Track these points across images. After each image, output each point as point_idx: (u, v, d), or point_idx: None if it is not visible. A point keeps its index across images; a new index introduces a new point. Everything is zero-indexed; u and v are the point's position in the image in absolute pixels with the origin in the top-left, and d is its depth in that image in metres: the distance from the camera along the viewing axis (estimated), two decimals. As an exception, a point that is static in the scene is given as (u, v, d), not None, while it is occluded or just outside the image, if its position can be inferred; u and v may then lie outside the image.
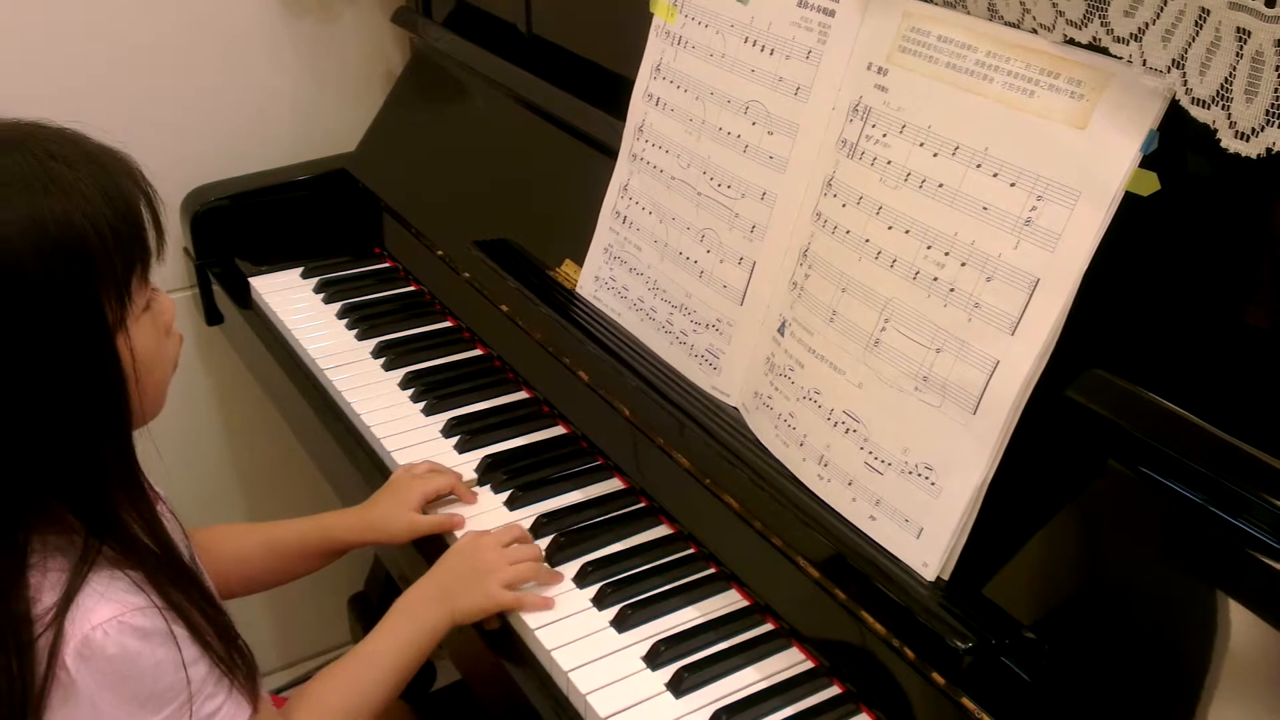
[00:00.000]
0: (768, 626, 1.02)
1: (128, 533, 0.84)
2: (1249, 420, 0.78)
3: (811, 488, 0.99)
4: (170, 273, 1.66)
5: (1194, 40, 0.72)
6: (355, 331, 1.46)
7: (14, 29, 1.50)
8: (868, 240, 0.94)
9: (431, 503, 1.15)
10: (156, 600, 0.83)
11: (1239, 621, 0.76)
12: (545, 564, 1.07)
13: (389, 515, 1.14)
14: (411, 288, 1.57)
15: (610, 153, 1.26)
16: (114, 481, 0.84)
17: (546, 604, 1.03)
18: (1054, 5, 0.81)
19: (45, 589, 0.81)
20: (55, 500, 0.82)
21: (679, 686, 0.95)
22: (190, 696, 0.84)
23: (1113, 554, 0.83)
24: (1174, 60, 0.74)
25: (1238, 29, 0.69)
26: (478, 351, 1.42)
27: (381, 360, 1.40)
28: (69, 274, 0.78)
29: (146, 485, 0.87)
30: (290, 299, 1.54)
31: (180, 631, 0.83)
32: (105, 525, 0.83)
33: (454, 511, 1.15)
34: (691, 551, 1.10)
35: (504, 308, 1.34)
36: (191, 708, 0.84)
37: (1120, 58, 0.77)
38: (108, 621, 0.80)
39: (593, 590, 1.05)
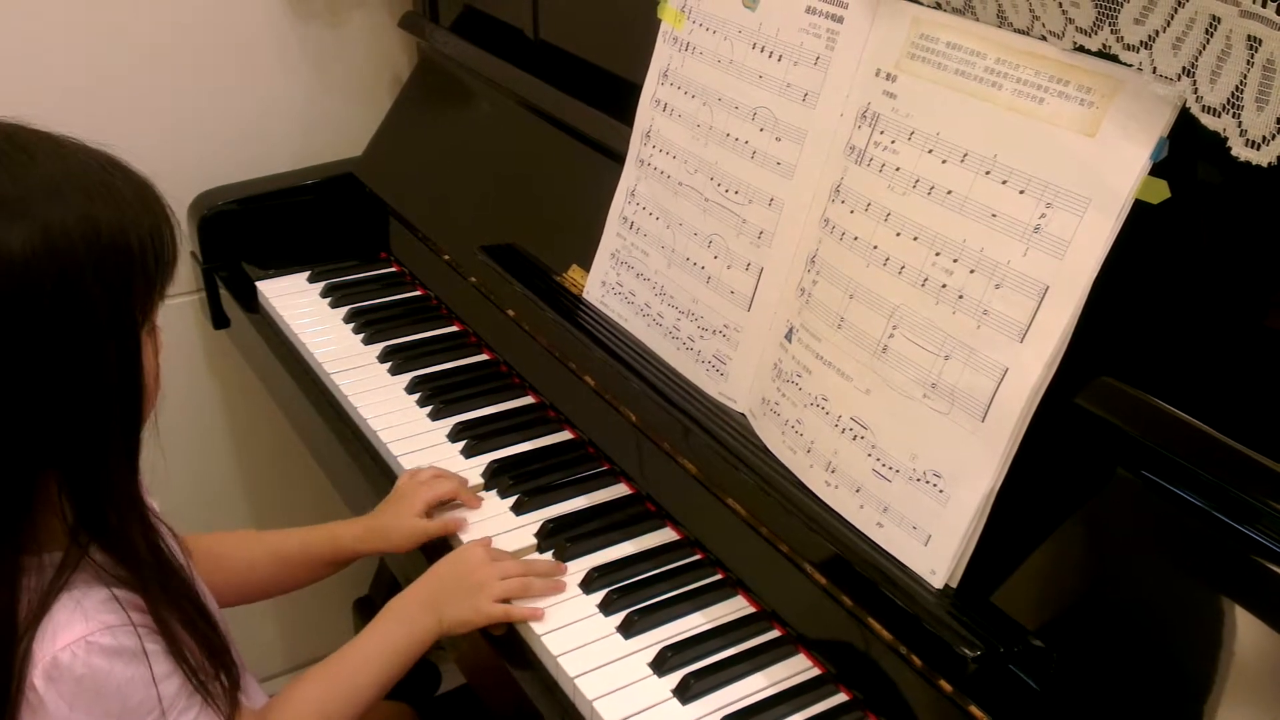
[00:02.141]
0: (775, 633, 1.01)
1: (123, 540, 0.84)
2: (1259, 428, 0.78)
3: (819, 494, 0.99)
4: (177, 276, 1.66)
5: (1204, 48, 0.72)
6: (361, 336, 1.46)
7: (19, 32, 1.50)
8: (875, 247, 0.94)
9: (436, 508, 1.15)
10: (133, 616, 0.83)
11: (1249, 630, 0.76)
12: (563, 572, 1.08)
13: (394, 522, 1.14)
14: (418, 292, 1.57)
15: (617, 158, 1.26)
16: (118, 483, 0.84)
17: (535, 615, 1.02)
18: (1063, 12, 0.81)
19: (19, 608, 0.81)
20: (41, 509, 0.82)
21: (685, 693, 0.94)
22: (163, 712, 0.84)
23: (1121, 562, 0.83)
24: (1184, 68, 0.74)
25: (1248, 37, 0.69)
26: (484, 356, 1.42)
27: (388, 365, 1.40)
28: (116, 276, 0.80)
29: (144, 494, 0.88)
30: (296, 303, 1.54)
31: (153, 648, 0.84)
32: (101, 529, 0.83)
33: (459, 516, 1.15)
34: (698, 557, 1.10)
35: (510, 313, 1.34)
36: None
37: (1130, 65, 0.77)
38: (75, 642, 0.80)
39: (599, 596, 1.05)
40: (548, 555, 1.10)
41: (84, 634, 0.81)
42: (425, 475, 1.18)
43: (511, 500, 1.17)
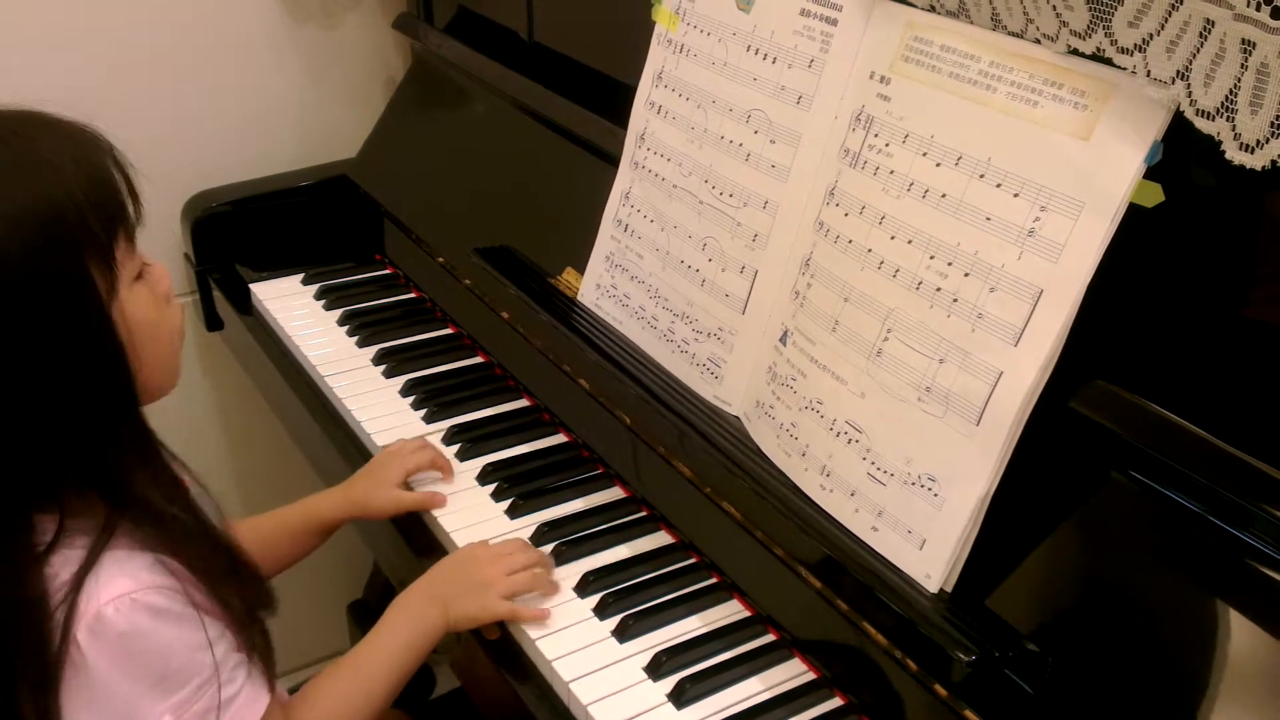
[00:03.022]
0: (770, 637, 1.01)
1: (151, 507, 0.83)
2: (1253, 432, 0.78)
3: (814, 498, 0.99)
4: (171, 278, 1.66)
5: (1199, 51, 0.72)
6: (356, 338, 1.45)
7: (16, 33, 1.50)
8: (870, 250, 0.94)
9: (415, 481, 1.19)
10: (177, 580, 0.82)
11: (1243, 634, 0.76)
12: (551, 568, 1.08)
13: (373, 492, 1.16)
14: (412, 295, 1.56)
15: (612, 160, 1.26)
16: (128, 454, 0.83)
17: (542, 615, 1.02)
18: (1058, 15, 0.81)
19: (64, 566, 0.80)
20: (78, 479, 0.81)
21: (680, 697, 0.94)
22: (206, 681, 0.83)
23: (1116, 565, 0.83)
24: (1178, 71, 0.73)
25: (1242, 40, 0.69)
26: (478, 359, 1.42)
27: (382, 367, 1.40)
28: (53, 249, 0.77)
29: (167, 457, 0.87)
30: (291, 305, 1.54)
31: (200, 614, 0.82)
32: (124, 499, 0.82)
33: (437, 491, 1.18)
34: (693, 561, 1.10)
35: (505, 315, 1.34)
36: (208, 692, 0.83)
37: (1124, 68, 0.77)
38: (119, 598, 0.79)
39: (594, 600, 1.04)
40: (542, 559, 1.10)
41: (128, 590, 0.80)
42: (397, 448, 1.20)
43: (506, 504, 1.17)
